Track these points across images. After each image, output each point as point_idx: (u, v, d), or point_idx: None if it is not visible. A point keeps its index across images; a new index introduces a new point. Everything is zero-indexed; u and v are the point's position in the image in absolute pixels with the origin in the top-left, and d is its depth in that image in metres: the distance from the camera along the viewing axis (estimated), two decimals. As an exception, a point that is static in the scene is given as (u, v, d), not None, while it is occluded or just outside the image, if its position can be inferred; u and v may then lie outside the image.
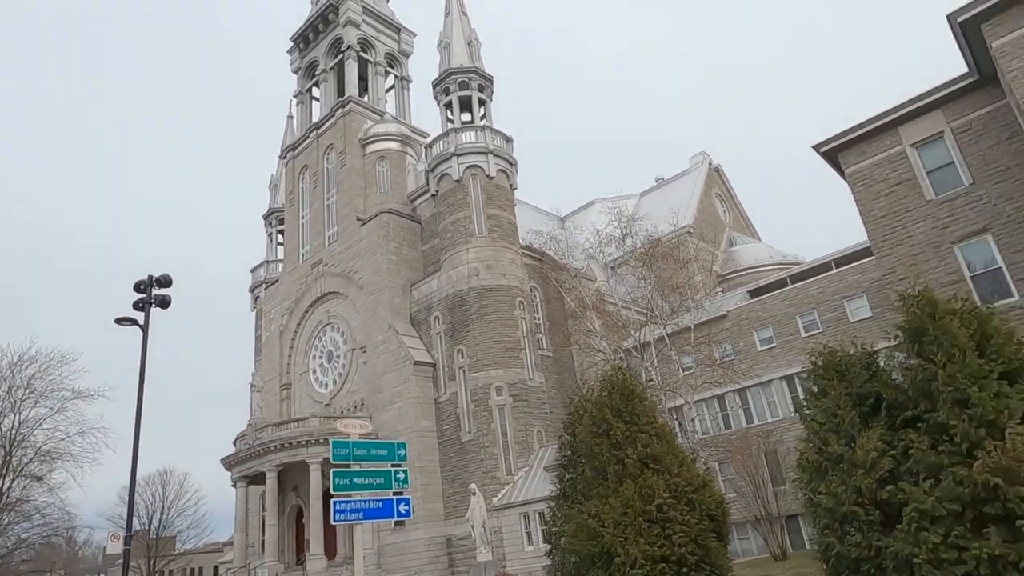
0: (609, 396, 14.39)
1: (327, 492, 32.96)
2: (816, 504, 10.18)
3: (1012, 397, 8.76)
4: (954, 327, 9.37)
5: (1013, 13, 18.01)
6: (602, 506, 13.08)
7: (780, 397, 32.98)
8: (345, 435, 13.41)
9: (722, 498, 13.38)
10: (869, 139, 22.95)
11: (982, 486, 8.33)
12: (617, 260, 28.24)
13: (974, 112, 21.02)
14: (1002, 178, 20.24)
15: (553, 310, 38.15)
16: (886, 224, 22.18)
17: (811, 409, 10.90)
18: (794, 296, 34.00)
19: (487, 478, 31.44)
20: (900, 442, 9.49)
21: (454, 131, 37.85)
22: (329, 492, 12.65)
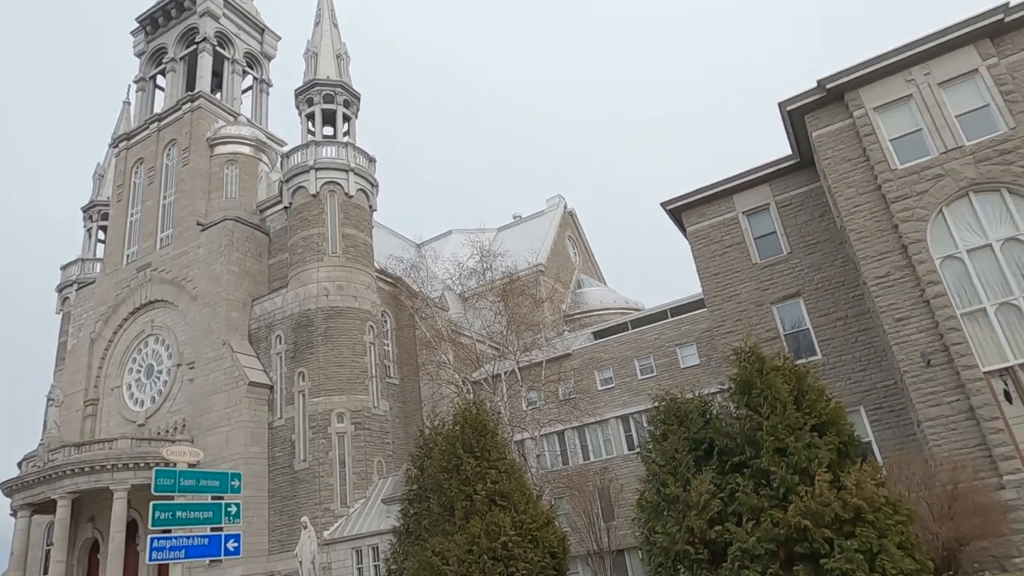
0: (461, 430, 14.35)
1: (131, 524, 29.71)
2: (652, 543, 10.78)
3: (821, 447, 9.92)
4: (778, 382, 10.48)
5: (830, 110, 20.91)
6: (447, 543, 12.91)
7: (616, 435, 34.69)
8: (171, 463, 12.12)
9: (564, 535, 13.75)
10: (709, 203, 25.31)
11: (794, 527, 9.30)
12: (474, 292, 28.52)
13: (795, 190, 23.96)
14: (813, 250, 23.15)
15: (404, 338, 37.52)
16: (719, 281, 24.42)
17: (652, 451, 11.62)
18: (634, 340, 36.16)
19: (320, 510, 29.83)
20: (728, 485, 10.38)
21: (315, 144, 36.49)
22: (134, 524, 11.28)
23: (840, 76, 20.39)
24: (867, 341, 21.60)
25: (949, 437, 17.12)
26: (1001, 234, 17.82)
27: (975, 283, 17.83)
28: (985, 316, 17.56)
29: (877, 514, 9.02)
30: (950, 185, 18.48)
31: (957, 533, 12.66)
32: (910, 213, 18.75)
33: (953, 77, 19.17)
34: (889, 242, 19.11)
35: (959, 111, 18.88)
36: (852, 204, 19.98)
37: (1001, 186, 17.93)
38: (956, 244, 18.24)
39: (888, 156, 19.47)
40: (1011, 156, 17.90)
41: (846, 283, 22.34)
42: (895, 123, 19.74)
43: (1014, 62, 18.80)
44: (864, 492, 9.08)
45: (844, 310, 22.23)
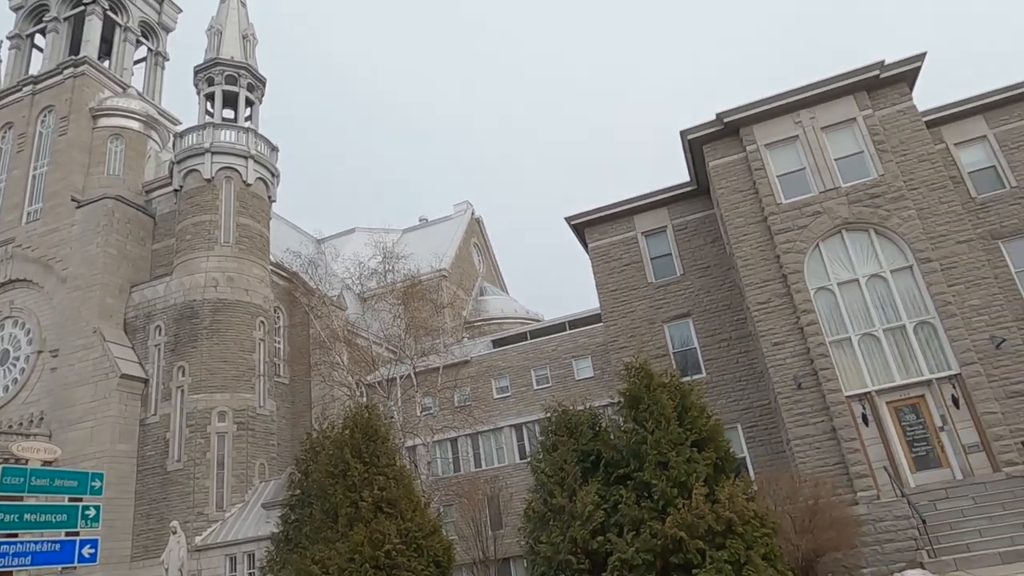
0: (351, 435, 13.94)
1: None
2: (536, 552, 10.88)
3: (699, 462, 10.39)
4: (663, 398, 10.90)
5: (726, 142, 22.16)
6: (328, 551, 12.47)
7: (508, 444, 34.93)
8: (22, 460, 10.93)
9: (450, 544, 13.61)
10: (611, 221, 26.11)
11: (671, 538, 9.67)
12: (374, 294, 27.87)
13: (691, 215, 25.17)
14: (704, 273, 24.39)
15: (297, 336, 36.11)
16: (616, 297, 25.20)
17: (542, 462, 11.75)
18: (531, 350, 36.62)
19: (193, 514, 28.06)
20: (612, 497, 10.66)
21: (213, 126, 34.55)
22: None
23: (736, 112, 21.66)
24: (747, 362, 22.96)
25: (813, 455, 18.48)
26: (867, 270, 19.50)
27: (843, 314, 19.39)
28: (850, 345, 19.13)
29: (746, 527, 9.56)
30: (826, 222, 20.04)
31: (815, 545, 13.64)
32: (791, 245, 20.16)
33: (834, 123, 20.84)
34: (771, 271, 20.44)
35: (838, 155, 20.54)
36: (741, 233, 21.24)
37: (869, 226, 19.64)
38: (829, 277, 19.78)
39: (775, 190, 20.86)
40: (879, 200, 19.66)
41: (732, 307, 23.67)
42: (783, 160, 21.21)
43: (886, 115, 20.70)
44: (736, 506, 9.59)
45: (729, 332, 23.53)
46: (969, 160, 21.77)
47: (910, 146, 20.24)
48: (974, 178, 21.59)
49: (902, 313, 18.84)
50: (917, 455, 17.95)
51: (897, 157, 20.12)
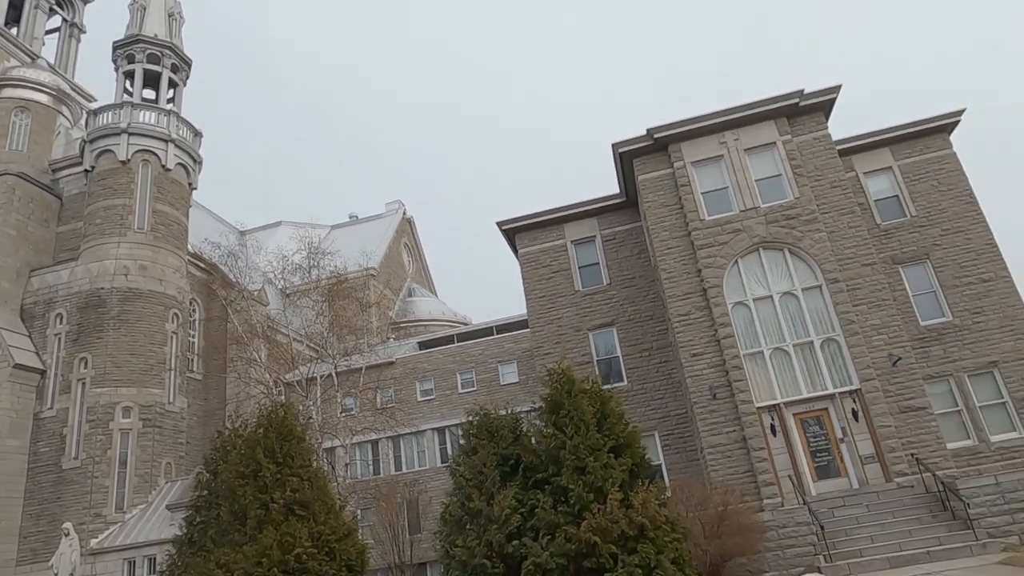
0: (264, 434, 13.44)
1: None
2: (452, 556, 10.80)
3: (616, 468, 10.59)
4: (584, 404, 11.05)
5: (655, 157, 22.81)
6: (234, 555, 11.96)
7: (430, 447, 34.62)
8: None
9: (364, 548, 13.33)
10: (542, 228, 26.37)
11: (585, 543, 9.80)
12: (297, 290, 27.02)
13: (619, 226, 25.73)
14: (629, 284, 24.96)
15: (213, 330, 34.57)
16: (543, 304, 25.45)
17: (461, 465, 11.68)
18: (458, 353, 36.47)
19: (89, 515, 26.35)
20: (530, 501, 10.71)
21: (131, 106, 32.73)
22: None
23: (666, 129, 22.35)
24: (667, 372, 23.64)
25: (725, 463, 19.20)
26: (780, 288, 20.47)
27: (757, 328, 20.27)
28: (763, 358, 20.01)
29: (657, 531, 9.80)
30: (745, 240, 20.92)
31: (722, 550, 14.16)
32: (712, 260, 20.93)
33: (756, 146, 21.82)
34: (692, 284, 21.16)
35: (758, 176, 21.51)
36: (665, 246, 21.89)
37: (784, 246, 20.63)
38: (745, 292, 20.65)
39: (699, 207, 21.62)
40: (794, 221, 20.70)
41: (654, 317, 24.33)
42: (708, 178, 22.02)
43: (803, 141, 21.84)
44: (648, 511, 9.82)
45: (650, 342, 24.17)
46: (876, 189, 23.27)
47: (824, 172, 21.42)
48: (879, 206, 23.08)
49: (811, 330, 19.87)
50: (819, 465, 18.94)
51: (812, 182, 21.24)
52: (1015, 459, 19.35)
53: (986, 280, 21.48)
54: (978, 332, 21.01)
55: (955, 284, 21.63)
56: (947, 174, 22.88)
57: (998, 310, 21.11)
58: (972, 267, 21.72)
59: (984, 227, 22.14)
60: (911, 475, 17.64)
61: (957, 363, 20.79)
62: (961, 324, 21.16)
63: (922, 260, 22.10)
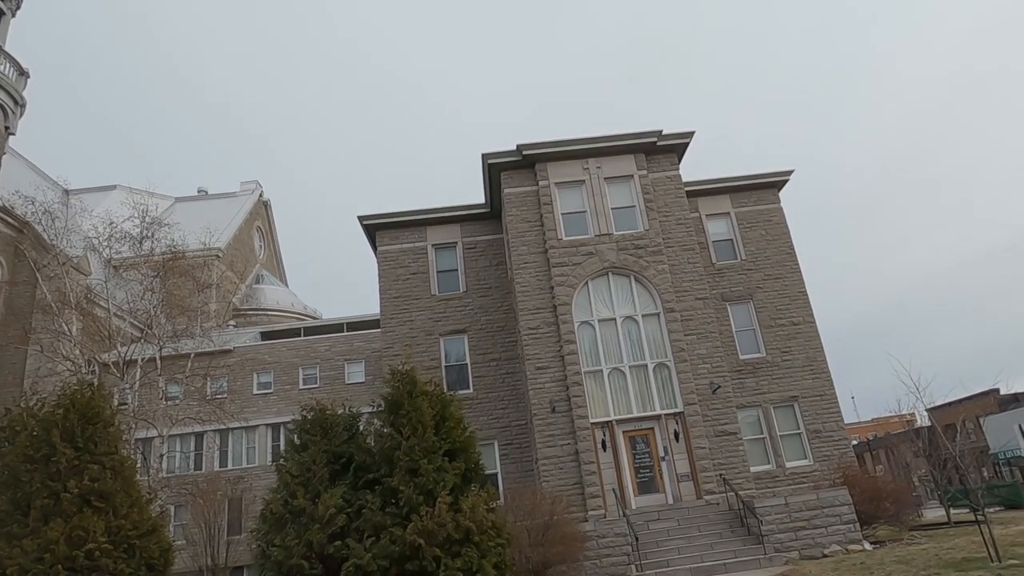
0: (65, 414, 11.98)
1: None
2: (267, 556, 10.23)
3: (449, 471, 10.61)
4: (424, 406, 10.98)
5: (522, 173, 23.39)
6: (10, 549, 10.51)
7: (262, 444, 32.82)
8: None
9: (169, 546, 12.24)
10: (404, 228, 26.04)
11: (409, 545, 9.70)
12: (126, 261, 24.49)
13: (481, 236, 26.03)
14: (485, 294, 25.28)
15: (18, 296, 30.44)
16: (398, 304, 25.08)
17: (288, 461, 11.14)
18: (303, 347, 35.01)
19: None
20: (358, 501, 10.42)
21: (-57, 31, 28.33)
22: None
23: (535, 147, 23.03)
24: (512, 383, 24.16)
25: (557, 474, 19.92)
26: (624, 312, 21.72)
27: (599, 348, 21.32)
28: (601, 376, 21.06)
29: (483, 536, 9.92)
30: (596, 263, 22.00)
31: (544, 557, 14.61)
32: (564, 279, 21.78)
33: (616, 176, 23.09)
34: (544, 300, 21.86)
35: (615, 204, 22.75)
36: (523, 260, 22.46)
37: (631, 273, 21.95)
38: (592, 313, 21.68)
39: (558, 226, 22.45)
40: (642, 251, 22.09)
41: (505, 329, 24.81)
42: (569, 200, 22.94)
43: (656, 179, 23.44)
44: (476, 515, 9.93)
45: (499, 352, 24.60)
46: (714, 230, 25.46)
47: (672, 209, 23.10)
48: (716, 246, 25.27)
49: (647, 353, 21.23)
50: (641, 480, 20.21)
51: (660, 216, 22.82)
52: (803, 483, 21.86)
53: (795, 323, 24.19)
54: (785, 368, 23.56)
55: (771, 324, 24.13)
56: (774, 225, 25.57)
57: (802, 351, 23.83)
58: (786, 310, 24.37)
59: (799, 276, 24.95)
60: (718, 493, 19.32)
61: (766, 395, 23.16)
62: (772, 360, 23.62)
63: (746, 300, 24.44)
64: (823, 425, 22.91)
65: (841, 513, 16.99)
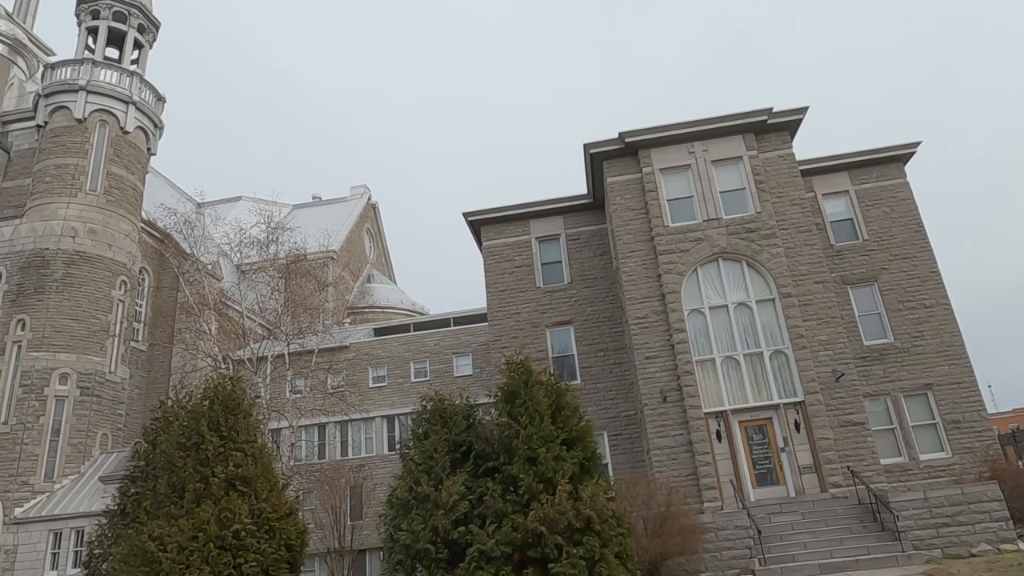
0: (210, 406, 13.10)
1: None
2: (395, 540, 10.72)
3: (567, 460, 10.67)
4: (540, 395, 11.10)
5: (625, 161, 23.05)
6: (169, 528, 11.63)
7: (379, 435, 34.32)
8: None
9: (304, 528, 13.11)
10: (507, 222, 26.39)
11: (531, 532, 9.85)
12: (254, 265, 26.42)
13: (584, 227, 25.93)
14: (590, 284, 25.19)
15: (163, 301, 33.56)
16: (504, 298, 25.47)
17: (411, 449, 11.61)
18: (413, 342, 36.24)
19: (16, 483, 25.31)
20: (479, 488, 10.71)
21: (92, 63, 31.50)
22: None
23: (638, 134, 22.61)
24: (620, 373, 23.94)
25: (670, 465, 19.57)
26: (736, 298, 20.94)
27: (711, 336, 20.69)
28: (713, 365, 20.44)
29: (603, 525, 9.92)
30: (706, 249, 21.34)
31: (662, 549, 14.42)
32: (672, 267, 21.28)
33: (723, 159, 22.26)
34: (652, 288, 21.47)
35: (723, 188, 21.95)
36: (628, 249, 22.15)
37: (743, 258, 21.12)
38: (702, 300, 21.07)
39: (664, 213, 21.95)
40: (754, 235, 21.19)
41: (612, 319, 24.61)
42: (674, 186, 22.37)
43: (768, 158, 22.37)
44: (596, 504, 9.93)
45: (606, 343, 24.44)
46: (832, 210, 24.00)
47: (785, 190, 21.99)
48: (834, 227, 23.82)
49: (761, 341, 20.38)
50: (759, 472, 19.47)
51: (773, 198, 21.79)
52: (940, 477, 20.24)
53: (927, 306, 22.39)
54: (916, 355, 21.88)
55: (899, 308, 22.48)
56: (899, 202, 23.76)
57: (936, 335, 22.03)
58: (915, 293, 22.61)
59: (930, 255, 23.06)
60: (845, 487, 18.27)
61: (895, 383, 21.62)
62: (901, 346, 22.00)
63: (870, 282, 22.89)
64: (962, 415, 21.11)
65: (991, 510, 15.60)
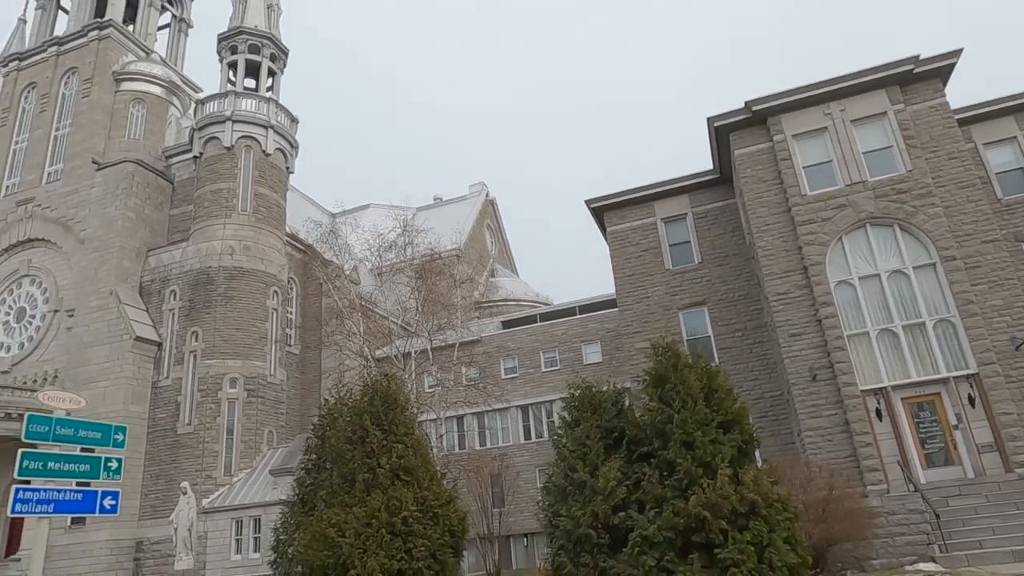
0: (370, 402, 14.00)
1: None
2: (556, 526, 10.95)
3: (725, 444, 10.41)
4: (691, 379, 10.89)
5: (754, 131, 21.97)
6: (345, 515, 12.58)
7: (514, 424, 35.13)
8: (47, 409, 11.07)
9: (464, 515, 13.71)
10: (631, 206, 26.02)
11: (694, 517, 9.72)
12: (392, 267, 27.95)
13: (711, 203, 25.05)
14: (722, 263, 24.32)
15: (309, 307, 36.27)
16: (632, 283, 25.17)
17: (564, 437, 11.80)
18: (541, 332, 36.70)
19: (201, 477, 28.37)
20: (635, 474, 10.70)
21: (234, 94, 34.51)
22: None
23: (765, 101, 21.46)
24: (761, 353, 22.96)
25: (825, 447, 18.52)
26: (889, 266, 19.39)
27: (863, 308, 19.31)
28: (868, 339, 19.08)
29: (769, 509, 9.59)
30: (851, 216, 19.91)
31: (828, 534, 13.72)
32: (814, 237, 20.05)
33: (864, 116, 20.63)
34: (792, 262, 20.36)
35: (866, 148, 20.36)
36: (763, 223, 21.13)
37: (894, 222, 19.51)
38: (850, 271, 19.69)
39: (800, 182, 20.72)
40: (905, 196, 19.51)
41: (748, 297, 23.63)
42: (810, 152, 21.03)
43: (917, 111, 20.48)
44: (760, 488, 9.63)
45: (743, 322, 23.52)
46: (997, 161, 21.57)
47: (940, 143, 20.05)
48: (1001, 179, 21.41)
49: (922, 310, 18.77)
50: (929, 452, 17.97)
51: (926, 153, 19.94)
52: None
53: (1124, 258, 19.62)
54: (1115, 315, 19.21)
55: (1088, 263, 19.85)
56: (1082, 143, 20.94)
57: None
58: (1109, 244, 19.88)
59: (1125, 201, 20.18)
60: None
61: (1089, 348, 19.12)
62: (1095, 306, 19.42)
63: (1050, 237, 20.39)
64: None
65: None
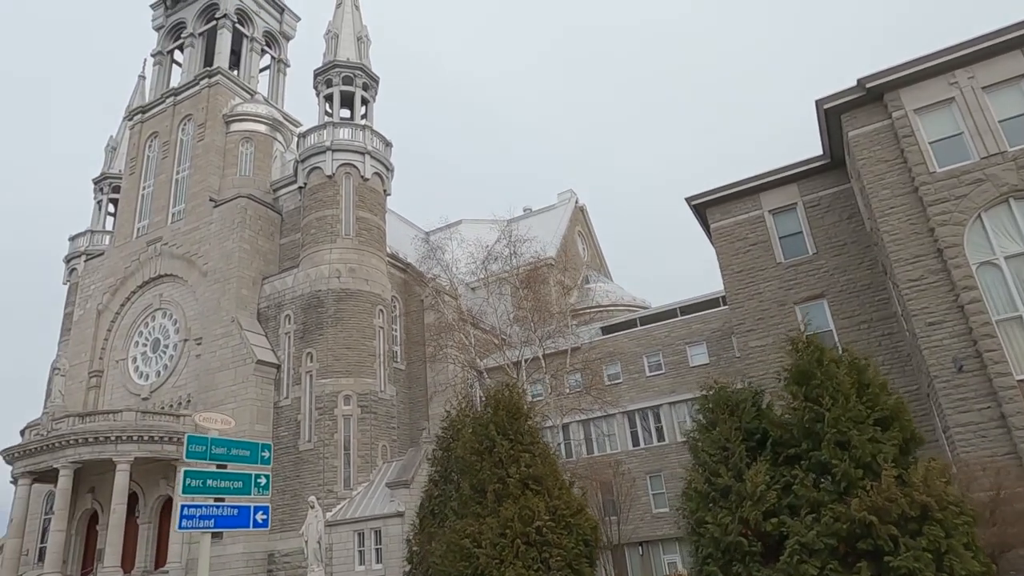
0: (495, 412, 14.05)
1: (131, 496, 29.30)
2: (701, 534, 10.49)
3: (885, 442, 9.66)
4: (840, 374, 10.19)
5: (868, 109, 20.63)
6: (479, 526, 12.63)
7: (621, 430, 34.51)
8: (203, 429, 11.80)
9: (596, 523, 13.47)
10: (735, 200, 25.04)
11: (858, 523, 9.03)
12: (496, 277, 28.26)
13: (823, 191, 23.72)
14: (839, 252, 22.93)
15: (412, 324, 37.20)
16: (741, 279, 24.18)
17: (701, 440, 11.33)
18: (642, 336, 35.95)
19: (323, 491, 29.54)
20: (783, 477, 10.10)
21: (332, 125, 36.10)
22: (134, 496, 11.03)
23: (880, 76, 20.12)
24: (891, 345, 21.42)
25: (979, 444, 16.93)
26: (1040, 242, 17.61)
27: (1012, 290, 17.61)
28: (1020, 323, 17.36)
29: (944, 512, 8.79)
30: (990, 190, 18.26)
31: (1000, 539, 12.46)
32: (947, 217, 18.52)
33: (997, 82, 18.92)
34: (924, 245, 18.87)
35: (1002, 116, 18.65)
36: (887, 206, 19.74)
37: (1044, 193, 17.72)
38: (994, 250, 18.03)
39: (927, 159, 19.23)
40: (1054, 164, 17.69)
41: (872, 286, 22.14)
42: (935, 126, 19.50)
43: (1060, 69, 18.57)
44: (932, 489, 8.84)
45: (869, 313, 22.04)
46: None
47: (1091, 102, 18.08)
48: None
49: (1086, 287, 16.90)
50: (1105, 446, 16.07)
51: (1075, 114, 18.03)
52: None
53: None
54: None
55: None
56: None
57: None
58: None
59: None
60: None
61: None
62: None
63: None
64: None
65: None
